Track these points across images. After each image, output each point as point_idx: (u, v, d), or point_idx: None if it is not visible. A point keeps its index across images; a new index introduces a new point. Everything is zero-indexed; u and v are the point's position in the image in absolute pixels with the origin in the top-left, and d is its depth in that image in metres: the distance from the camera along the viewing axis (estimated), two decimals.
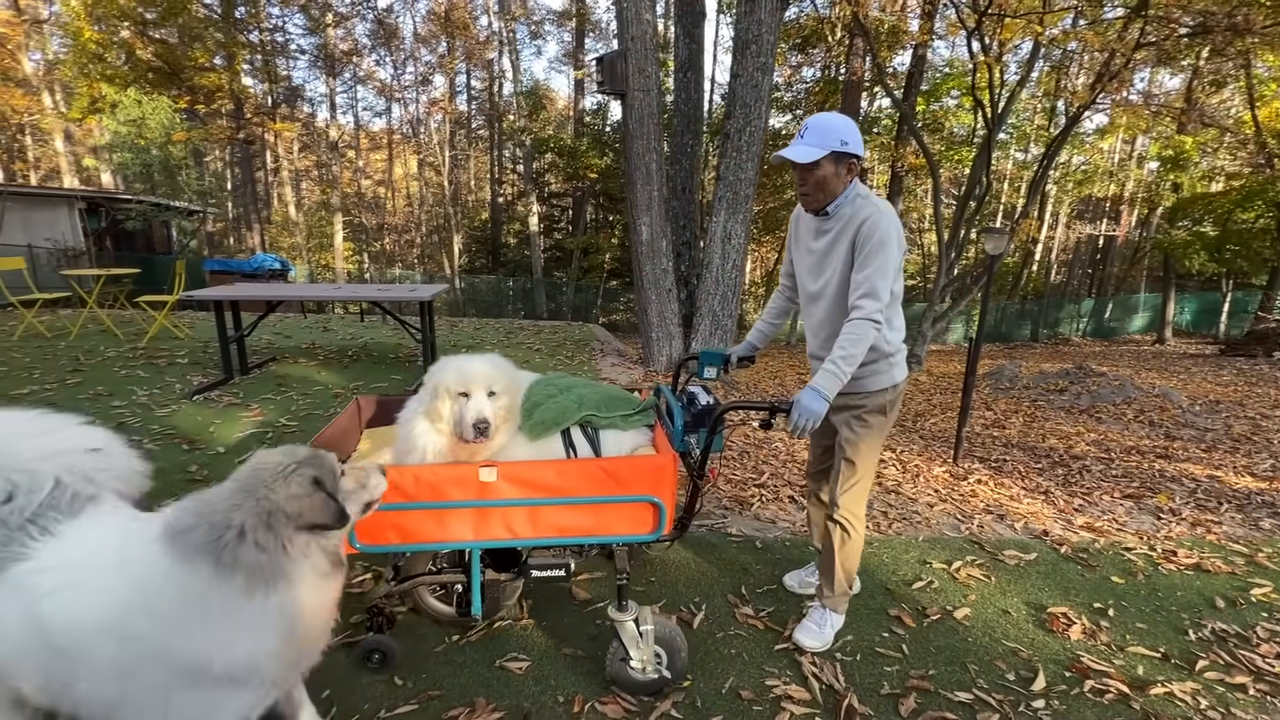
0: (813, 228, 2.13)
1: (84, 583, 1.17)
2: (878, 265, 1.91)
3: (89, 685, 1.16)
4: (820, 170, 1.95)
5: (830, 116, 1.98)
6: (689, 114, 6.63)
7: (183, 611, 1.14)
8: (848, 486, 2.18)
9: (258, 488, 1.21)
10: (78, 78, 16.91)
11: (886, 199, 16.14)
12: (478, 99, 30.60)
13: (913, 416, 6.05)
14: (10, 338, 7.06)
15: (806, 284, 2.21)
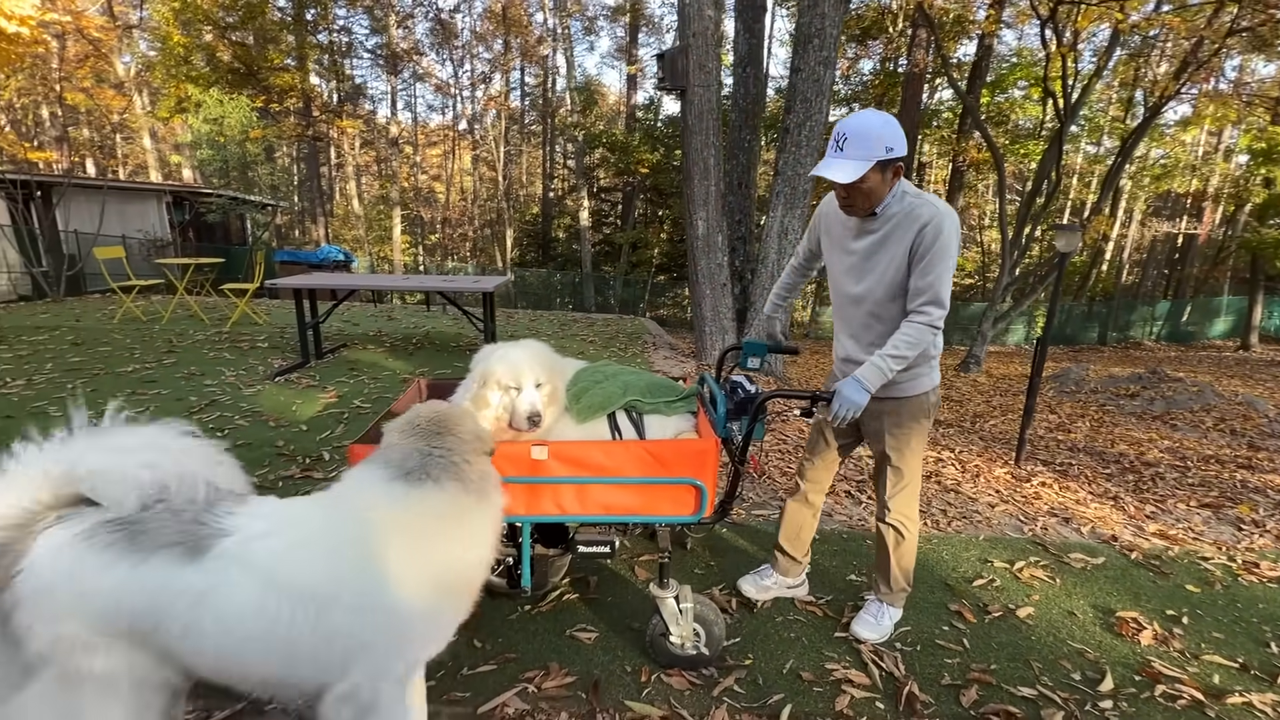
0: (852, 227, 2.05)
1: (311, 535, 1.28)
2: (941, 271, 1.86)
3: (321, 638, 1.23)
4: (866, 183, 1.83)
5: (869, 119, 1.83)
6: (747, 109, 6.62)
7: (443, 522, 1.35)
8: (896, 491, 2.18)
9: (449, 429, 1.44)
10: (166, 79, 18.06)
11: (946, 194, 15.65)
12: (531, 95, 31.12)
13: (971, 417, 5.92)
14: (111, 320, 7.68)
15: (845, 285, 2.13)
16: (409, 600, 1.30)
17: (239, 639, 1.21)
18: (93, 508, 1.21)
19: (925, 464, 4.17)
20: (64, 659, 1.15)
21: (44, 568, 1.15)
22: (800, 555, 2.43)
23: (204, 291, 9.58)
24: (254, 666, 1.26)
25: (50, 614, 1.14)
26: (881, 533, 2.24)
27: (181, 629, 1.18)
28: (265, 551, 1.23)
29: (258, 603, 1.20)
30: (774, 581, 2.45)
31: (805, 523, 2.41)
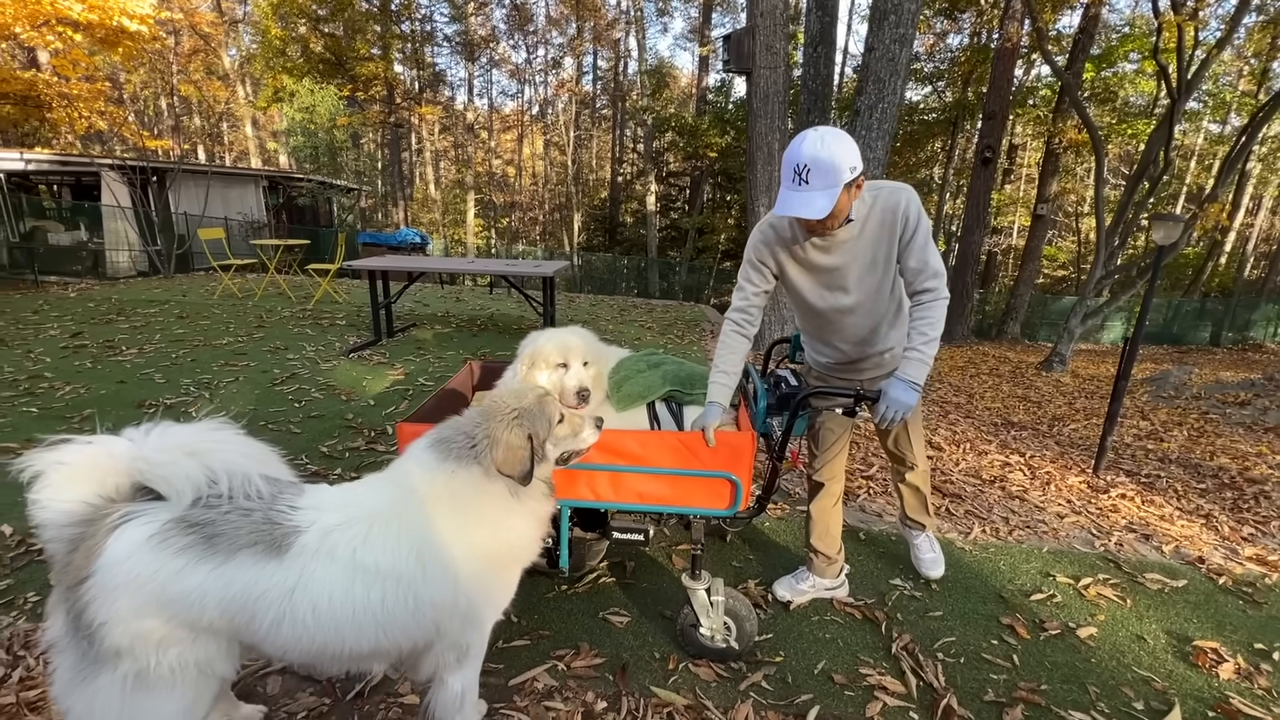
0: (820, 243, 1.95)
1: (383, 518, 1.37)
2: (927, 243, 1.88)
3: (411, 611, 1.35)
4: (836, 207, 1.74)
5: (824, 145, 1.69)
6: (817, 90, 6.36)
7: (477, 500, 1.42)
8: (919, 441, 2.36)
9: (488, 426, 1.45)
10: (264, 71, 19.31)
11: (1039, 178, 14.54)
12: (603, 79, 31.20)
13: (1050, 421, 5.53)
14: (212, 296, 8.38)
15: (830, 301, 2.03)
16: (475, 565, 1.42)
17: (336, 624, 1.31)
18: (157, 502, 1.29)
19: (991, 467, 3.96)
20: (140, 654, 1.24)
21: (122, 568, 1.21)
22: (834, 552, 2.37)
23: (292, 271, 10.27)
24: (350, 646, 1.36)
25: (129, 612, 1.22)
26: (913, 484, 2.44)
27: (273, 622, 1.28)
28: (346, 541, 1.32)
29: (349, 590, 1.30)
30: (810, 584, 2.41)
31: (833, 518, 2.37)
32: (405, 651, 1.45)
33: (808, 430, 2.39)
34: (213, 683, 1.36)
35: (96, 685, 1.25)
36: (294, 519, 1.33)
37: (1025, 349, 10.95)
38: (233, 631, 1.31)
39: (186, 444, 1.34)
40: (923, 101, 17.35)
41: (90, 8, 9.98)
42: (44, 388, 4.43)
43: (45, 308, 7.28)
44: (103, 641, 1.22)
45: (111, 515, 1.26)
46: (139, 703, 1.27)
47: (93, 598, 1.21)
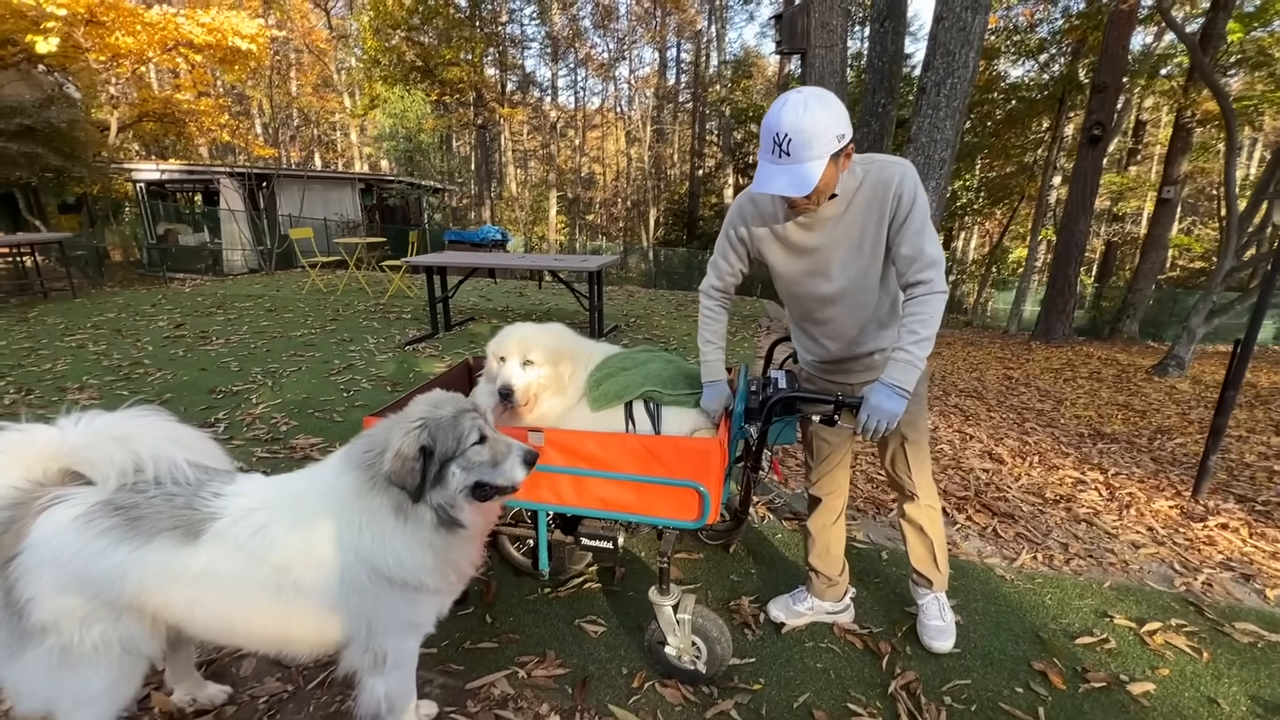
0: (802, 221, 1.72)
1: (290, 515, 1.35)
2: (926, 230, 1.62)
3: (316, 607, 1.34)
4: (821, 181, 1.53)
5: (807, 109, 1.49)
6: (883, 69, 5.88)
7: (357, 509, 1.34)
8: (920, 469, 2.01)
9: (391, 433, 1.35)
10: (363, 80, 20.70)
11: (1167, 156, 12.81)
12: (686, 72, 30.96)
13: (1152, 433, 4.82)
14: (301, 291, 9.06)
15: (811, 288, 1.80)
16: (358, 578, 1.35)
17: (240, 610, 1.34)
18: (88, 487, 1.33)
19: (1060, 484, 3.50)
20: (64, 630, 1.28)
21: (46, 547, 1.26)
22: (835, 574, 2.14)
23: (370, 267, 10.92)
24: (258, 632, 1.39)
25: (53, 590, 1.26)
26: (915, 520, 2.06)
27: (187, 604, 1.32)
28: (249, 530, 1.32)
29: (247, 577, 1.31)
30: (809, 606, 2.19)
31: (832, 535, 2.14)
32: (315, 645, 1.43)
33: (802, 440, 2.18)
34: (139, 661, 1.40)
35: (25, 659, 1.30)
36: (213, 506, 1.34)
37: (1140, 350, 9.70)
38: (156, 610, 1.33)
39: (113, 430, 1.38)
40: (1023, 79, 15.79)
41: (208, 30, 11.06)
42: (140, 373, 4.93)
43: (162, 301, 8.15)
44: (29, 617, 1.27)
45: (41, 498, 1.31)
46: (65, 678, 1.32)
47: (19, 575, 1.27)
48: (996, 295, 20.07)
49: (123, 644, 1.34)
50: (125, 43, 10.86)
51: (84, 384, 4.59)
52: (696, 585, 2.40)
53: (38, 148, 9.05)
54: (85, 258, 10.60)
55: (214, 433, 3.73)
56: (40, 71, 11.29)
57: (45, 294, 8.23)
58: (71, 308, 7.52)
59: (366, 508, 1.34)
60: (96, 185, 11.38)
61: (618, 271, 20.29)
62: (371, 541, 1.33)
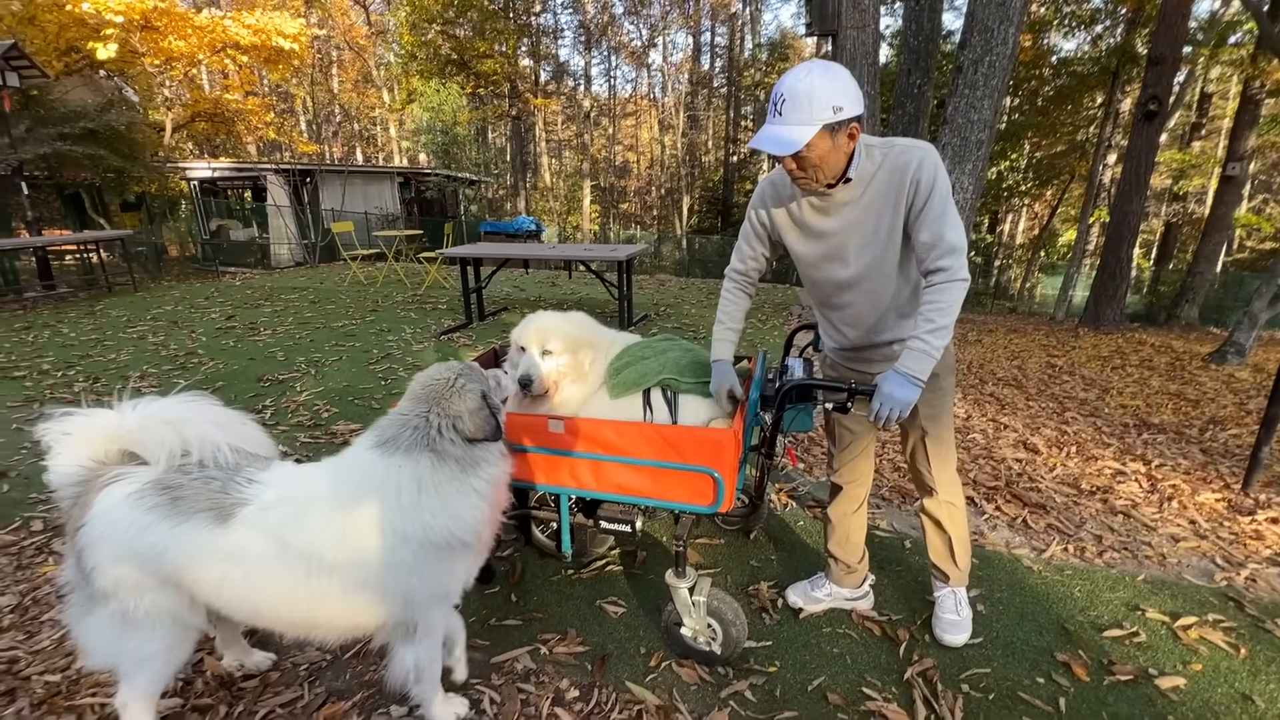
0: (818, 204, 1.73)
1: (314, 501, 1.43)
2: (944, 212, 1.58)
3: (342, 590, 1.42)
4: (813, 151, 1.54)
5: (808, 75, 1.51)
6: (918, 48, 5.69)
7: (425, 492, 1.44)
8: (941, 465, 1.97)
9: (440, 402, 1.49)
10: (400, 75, 21.09)
11: (1231, 131, 12.05)
12: (721, 56, 30.52)
13: (1204, 423, 4.60)
14: (342, 284, 9.37)
15: (828, 273, 1.81)
16: (398, 556, 1.43)
17: (267, 594, 1.43)
18: (142, 467, 1.45)
19: (1098, 475, 3.40)
20: (122, 596, 1.41)
21: (104, 520, 1.38)
22: (854, 561, 2.15)
23: (407, 258, 11.20)
24: (284, 615, 1.48)
25: (110, 559, 1.38)
26: (933, 515, 2.03)
27: (216, 582, 1.42)
28: (278, 518, 1.41)
29: (276, 563, 1.40)
30: (827, 593, 2.21)
31: (852, 524, 2.14)
32: (345, 628, 1.53)
33: (825, 428, 2.18)
34: (188, 630, 1.52)
35: (93, 620, 1.44)
36: (245, 491, 1.43)
37: (1199, 337, 9.22)
38: (191, 586, 1.44)
39: (164, 414, 1.49)
40: (1075, 51, 15.01)
41: (253, 31, 11.45)
42: (194, 362, 5.22)
43: (215, 294, 8.55)
44: (95, 583, 1.40)
45: (104, 475, 1.43)
46: (125, 639, 1.45)
47: (85, 544, 1.40)
48: (1044, 280, 19.27)
49: (171, 613, 1.46)
50: (177, 46, 11.36)
51: (144, 373, 4.89)
52: (716, 570, 2.44)
53: (100, 149, 9.57)
54: (145, 253, 11.18)
55: (261, 419, 3.93)
56: (101, 76, 11.90)
57: (110, 288, 8.73)
58: (133, 301, 7.96)
59: (435, 476, 1.45)
60: (154, 184, 11.98)
61: (651, 260, 20.28)
62: (437, 506, 1.44)
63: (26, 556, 2.47)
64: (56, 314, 7.19)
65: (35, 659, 1.93)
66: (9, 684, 1.83)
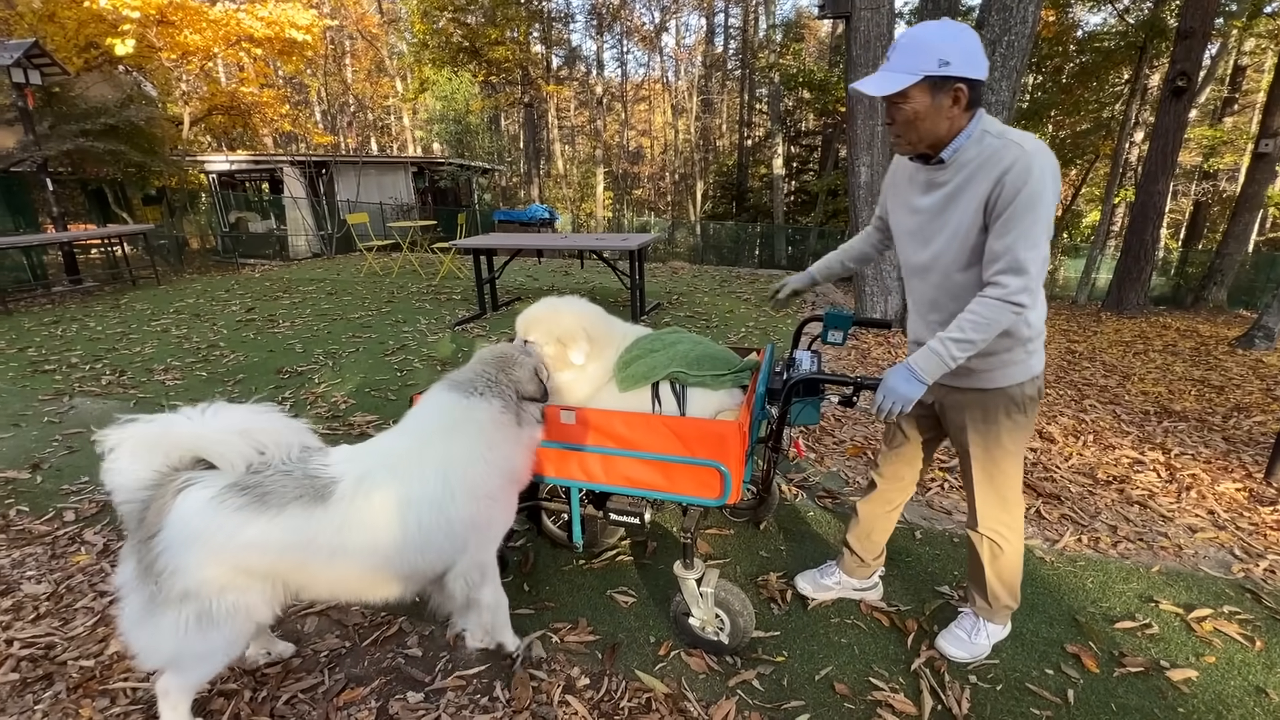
0: (920, 180, 1.66)
1: (401, 456, 1.59)
2: (1024, 230, 1.44)
3: (441, 531, 1.57)
4: (910, 104, 1.47)
5: (927, 26, 1.47)
6: None
7: (499, 430, 1.68)
8: (987, 497, 1.82)
9: (512, 367, 1.78)
10: (412, 64, 21.08)
11: (1265, 105, 11.61)
12: (734, 38, 30.04)
13: (1227, 410, 4.51)
14: (358, 275, 9.47)
15: (909, 253, 1.75)
16: (490, 484, 1.66)
17: (382, 551, 1.53)
18: (209, 471, 1.48)
19: (1115, 464, 3.36)
20: (203, 597, 1.43)
21: (188, 525, 1.39)
22: (869, 558, 2.15)
23: (424, 249, 11.28)
24: (395, 568, 1.58)
25: (197, 562, 1.40)
26: (973, 542, 1.91)
27: (328, 557, 1.48)
28: (379, 480, 1.52)
29: (389, 519, 1.51)
30: (837, 581, 2.22)
31: (878, 524, 2.12)
32: (439, 572, 1.67)
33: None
34: (252, 626, 1.55)
35: (160, 621, 1.44)
36: (327, 473, 1.52)
37: (1227, 320, 9.00)
38: (286, 573, 1.50)
39: (238, 425, 1.53)
40: (1103, 25, 14.53)
41: (267, 23, 11.51)
42: (216, 355, 5.33)
43: (235, 287, 8.71)
44: (172, 586, 1.41)
45: (176, 481, 1.44)
46: (193, 638, 1.46)
47: (162, 550, 1.40)
48: (1066, 263, 18.88)
49: (248, 609, 1.50)
50: (193, 40, 11.46)
51: (168, 365, 5.01)
52: (726, 560, 2.46)
53: (121, 145, 9.73)
54: (167, 246, 11.39)
55: (281, 411, 4.01)
56: (120, 72, 12.07)
57: (134, 282, 8.92)
58: (156, 294, 8.14)
59: (500, 425, 1.68)
60: (174, 178, 12.16)
61: (664, 247, 20.19)
62: (503, 451, 1.67)
63: (60, 546, 2.57)
64: (83, 308, 7.37)
65: (70, 645, 2.01)
66: (46, 669, 1.92)
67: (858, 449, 3.45)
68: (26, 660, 1.95)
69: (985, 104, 1.61)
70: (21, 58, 7.60)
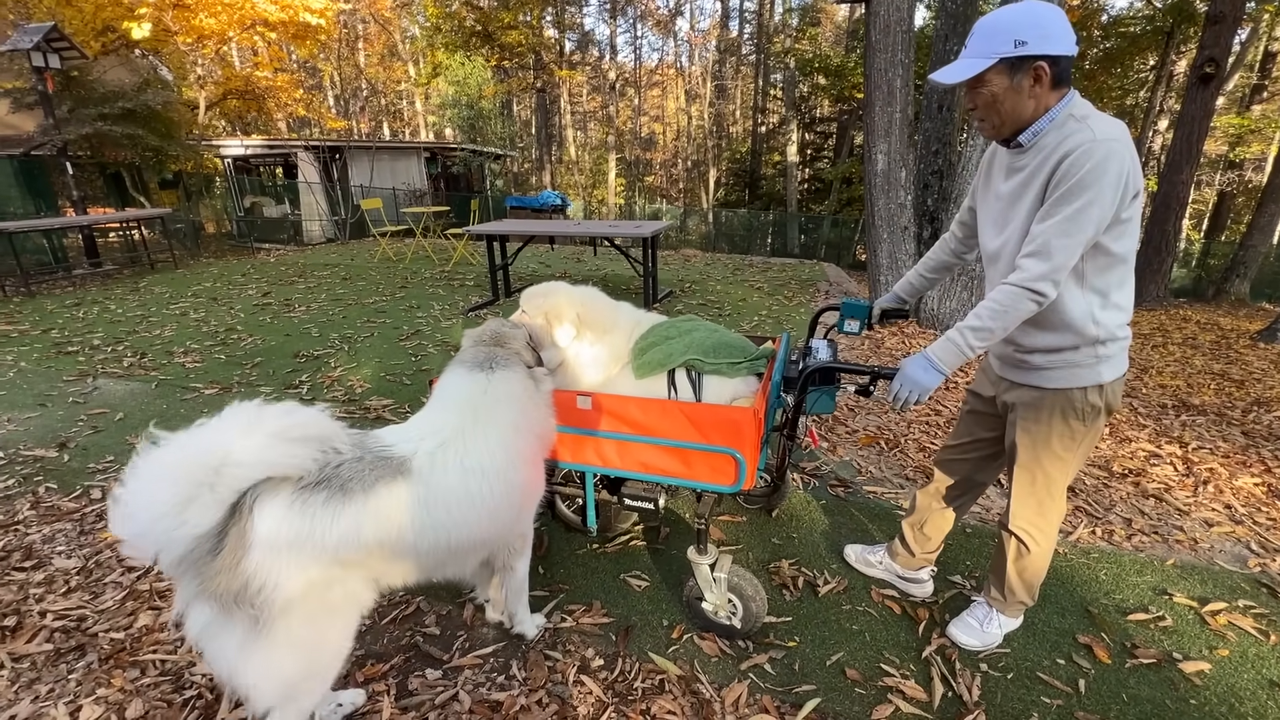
0: (1004, 164, 1.63)
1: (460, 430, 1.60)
2: (1067, 215, 1.40)
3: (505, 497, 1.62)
4: (988, 87, 1.46)
5: (1004, 10, 1.44)
6: (957, 12, 5.44)
7: (529, 400, 1.76)
8: (1024, 496, 1.79)
9: (508, 340, 1.86)
10: (425, 48, 20.99)
11: None
12: (750, 22, 29.61)
13: (1247, 405, 4.45)
14: (372, 260, 9.52)
15: (986, 239, 1.73)
16: (530, 451, 1.74)
17: (464, 520, 1.55)
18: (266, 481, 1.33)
19: (1131, 457, 3.33)
20: (312, 599, 1.36)
21: (277, 535, 1.29)
22: (918, 550, 2.14)
23: (437, 235, 11.31)
24: (472, 536, 1.60)
25: (298, 566, 1.32)
26: (1002, 538, 1.90)
27: (417, 531, 1.46)
28: (451, 454, 1.55)
29: (466, 490, 1.55)
30: (880, 559, 2.26)
31: (932, 518, 2.09)
32: (497, 538, 1.75)
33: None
34: (359, 613, 1.51)
35: (272, 641, 1.33)
36: (395, 451, 1.49)
37: (1249, 313, 8.84)
38: (381, 556, 1.45)
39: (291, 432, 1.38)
40: (1129, 10, 14.18)
41: (282, 7, 11.50)
42: (234, 338, 5.40)
43: (251, 271, 8.79)
44: (274, 602, 1.31)
45: (243, 500, 1.30)
46: (314, 641, 1.42)
47: (254, 569, 1.28)
48: None
49: (355, 598, 1.47)
50: (208, 24, 11.49)
51: (187, 348, 5.08)
52: (738, 547, 2.49)
53: (138, 129, 9.80)
54: (184, 230, 11.50)
55: (299, 394, 4.07)
56: (137, 56, 12.12)
57: (152, 265, 9.03)
58: (174, 278, 8.24)
59: (527, 389, 1.76)
60: (190, 162, 12.25)
61: (676, 235, 20.10)
62: (538, 420, 1.76)
63: (88, 523, 2.64)
64: (104, 290, 7.48)
65: (100, 618, 2.08)
66: (78, 640, 1.98)
67: (870, 438, 3.45)
68: (59, 632, 2.01)
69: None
70: (41, 41, 7.66)
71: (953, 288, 5.21)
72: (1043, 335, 1.61)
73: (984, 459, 1.97)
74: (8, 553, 2.41)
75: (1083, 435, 1.68)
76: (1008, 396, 1.77)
